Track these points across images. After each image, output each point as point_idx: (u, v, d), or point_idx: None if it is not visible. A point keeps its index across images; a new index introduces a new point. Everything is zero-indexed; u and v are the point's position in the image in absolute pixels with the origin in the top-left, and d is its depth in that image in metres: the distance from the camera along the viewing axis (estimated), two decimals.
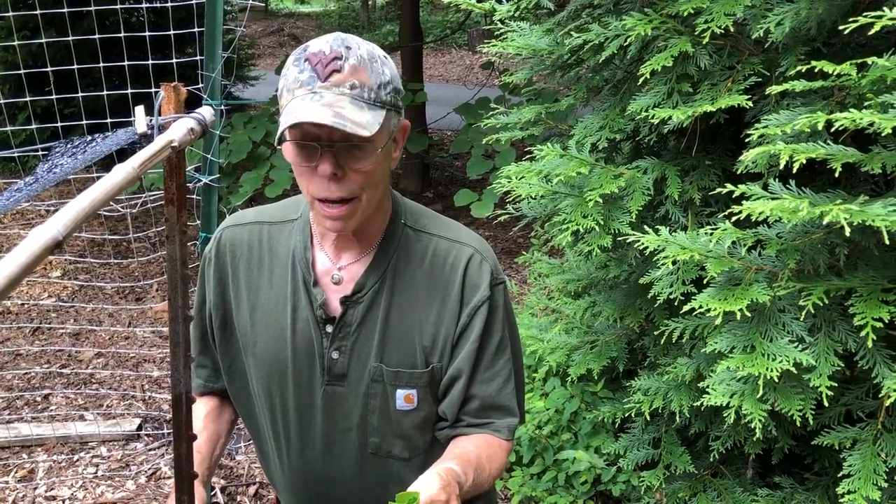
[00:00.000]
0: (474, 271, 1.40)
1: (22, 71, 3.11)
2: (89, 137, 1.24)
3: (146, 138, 1.19)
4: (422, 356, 1.40)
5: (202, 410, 1.56)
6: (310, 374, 1.43)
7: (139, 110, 1.22)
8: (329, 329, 1.40)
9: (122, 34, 2.75)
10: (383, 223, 1.42)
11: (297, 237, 1.43)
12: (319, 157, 1.24)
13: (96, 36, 2.82)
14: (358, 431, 1.44)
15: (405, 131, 1.37)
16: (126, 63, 2.72)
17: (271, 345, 1.43)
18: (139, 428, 3.39)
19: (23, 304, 4.53)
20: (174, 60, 2.63)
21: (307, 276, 1.41)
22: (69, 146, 1.23)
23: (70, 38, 2.83)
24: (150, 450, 3.28)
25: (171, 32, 2.64)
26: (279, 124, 1.24)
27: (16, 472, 3.11)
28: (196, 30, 2.51)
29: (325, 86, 1.22)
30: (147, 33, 2.68)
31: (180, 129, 1.16)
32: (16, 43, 3.23)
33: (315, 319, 1.40)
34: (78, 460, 3.21)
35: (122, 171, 0.96)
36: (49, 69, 2.97)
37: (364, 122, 1.21)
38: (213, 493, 2.95)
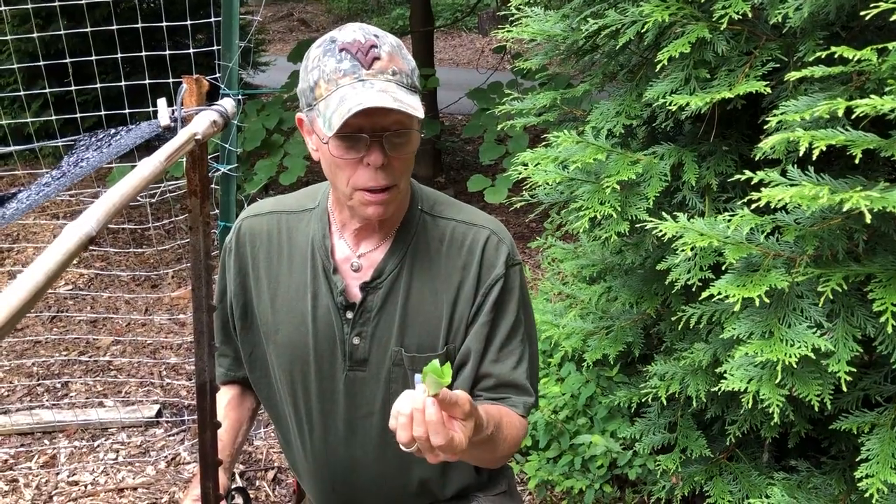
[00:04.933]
0: (491, 252, 1.42)
1: (42, 63, 3.13)
2: (113, 130, 1.25)
3: (169, 131, 1.20)
4: (441, 339, 1.42)
5: (224, 399, 1.59)
6: (331, 360, 1.45)
7: (161, 103, 1.23)
8: (349, 315, 1.42)
9: (139, 25, 2.76)
10: (402, 210, 1.44)
11: (316, 226, 1.45)
12: (367, 148, 1.26)
13: (114, 27, 2.84)
14: (380, 416, 1.46)
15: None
16: (144, 54, 2.73)
17: (292, 332, 1.45)
18: (158, 414, 3.43)
19: None
20: (191, 51, 2.64)
21: (327, 264, 1.42)
22: (93, 139, 1.24)
23: (88, 29, 2.84)
24: (169, 436, 3.32)
25: (189, 23, 2.65)
26: (328, 116, 1.22)
27: (38, 458, 3.16)
28: (213, 20, 2.52)
29: (372, 73, 1.24)
30: (164, 24, 2.68)
31: (203, 121, 1.17)
32: (35, 35, 3.24)
33: (335, 306, 1.42)
34: (98, 446, 3.25)
35: (149, 165, 0.97)
36: (67, 61, 2.98)
37: (415, 105, 1.24)
38: (231, 479, 2.98)
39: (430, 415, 1.05)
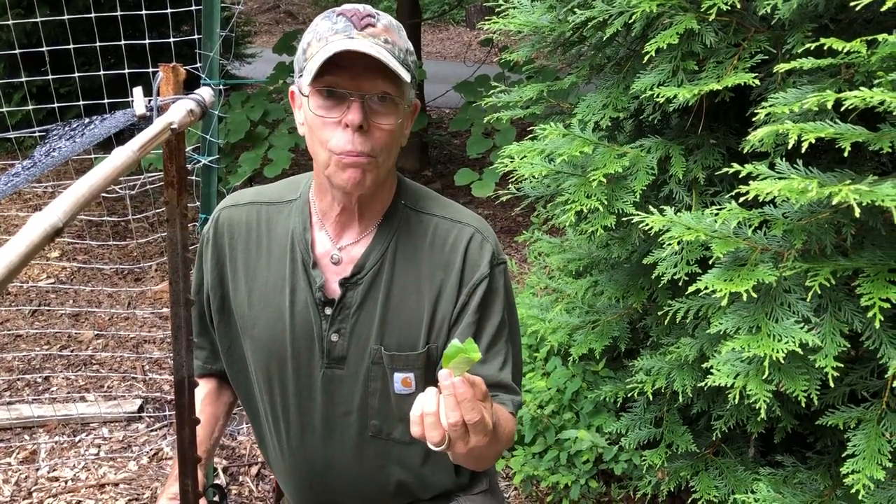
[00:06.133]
0: (475, 251, 1.39)
1: (17, 51, 3.07)
2: (87, 120, 1.22)
3: (145, 120, 1.17)
4: (422, 338, 1.39)
5: (200, 393, 1.55)
6: (309, 356, 1.42)
7: (137, 91, 1.20)
8: (328, 311, 1.39)
9: (118, 13, 2.71)
10: (386, 202, 1.40)
11: (297, 218, 1.42)
12: (348, 108, 1.24)
13: (92, 15, 2.79)
14: (358, 414, 1.43)
15: (416, 111, 1.38)
16: (123, 43, 2.69)
17: (269, 327, 1.42)
18: (140, 409, 3.39)
19: (21, 286, 4.52)
20: (171, 40, 2.59)
21: (306, 258, 1.39)
22: (66, 129, 1.21)
23: (66, 17, 2.79)
24: (151, 431, 3.28)
25: (169, 11, 2.61)
26: (312, 68, 1.21)
27: (17, 454, 3.11)
28: (193, 8, 2.48)
29: (363, 34, 1.24)
30: (144, 12, 2.64)
31: (180, 110, 1.14)
32: (10, 22, 3.19)
33: (314, 302, 1.39)
34: (80, 441, 3.21)
35: (121, 155, 0.94)
36: (45, 49, 2.93)
37: (401, 71, 1.22)
38: (215, 474, 2.95)
39: (462, 393, 1.03)
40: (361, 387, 1.41)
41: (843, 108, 1.42)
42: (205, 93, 1.24)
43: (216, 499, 1.46)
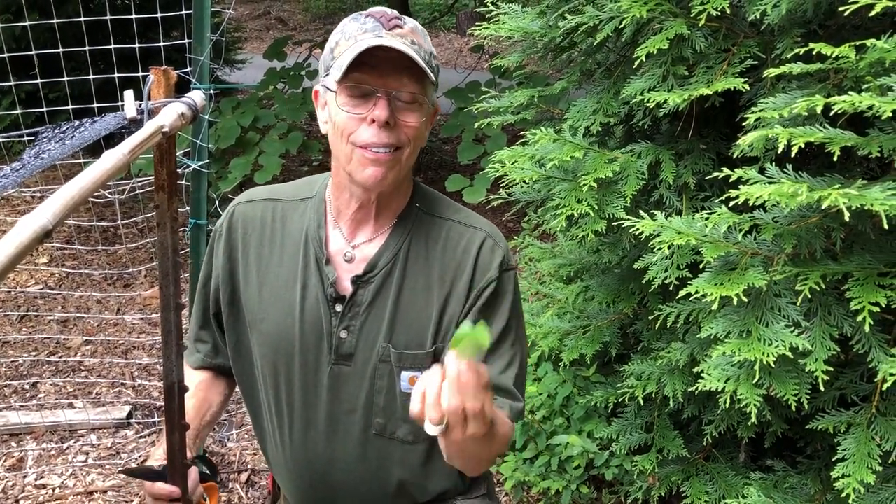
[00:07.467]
0: (486, 255, 1.41)
1: (6, 55, 3.06)
2: (77, 122, 1.22)
3: (136, 123, 1.16)
4: (429, 338, 1.40)
5: (196, 379, 1.56)
6: (317, 352, 1.43)
7: (128, 95, 1.19)
8: (339, 308, 1.41)
9: (108, 17, 2.70)
10: (401, 204, 1.43)
11: (312, 215, 1.44)
12: (374, 104, 1.27)
13: (81, 19, 2.78)
14: (363, 412, 1.44)
15: (436, 113, 1.42)
16: (112, 47, 2.68)
17: (279, 321, 1.44)
18: (129, 415, 3.37)
19: (9, 292, 4.49)
20: (161, 44, 2.59)
21: (319, 255, 1.41)
22: (56, 131, 1.20)
23: (55, 20, 2.78)
24: (140, 437, 3.26)
25: (159, 15, 2.60)
26: (341, 64, 1.25)
27: (4, 461, 3.08)
28: (183, 12, 2.47)
29: (391, 34, 1.28)
30: (134, 16, 2.63)
31: (171, 114, 1.14)
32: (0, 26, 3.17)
33: (325, 298, 1.41)
34: (68, 448, 3.18)
35: (111, 158, 0.94)
36: (34, 52, 2.92)
37: (427, 70, 1.27)
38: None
39: (466, 378, 1.02)
40: (368, 384, 1.42)
41: (832, 113, 1.43)
42: (196, 96, 1.23)
43: (204, 469, 1.45)
